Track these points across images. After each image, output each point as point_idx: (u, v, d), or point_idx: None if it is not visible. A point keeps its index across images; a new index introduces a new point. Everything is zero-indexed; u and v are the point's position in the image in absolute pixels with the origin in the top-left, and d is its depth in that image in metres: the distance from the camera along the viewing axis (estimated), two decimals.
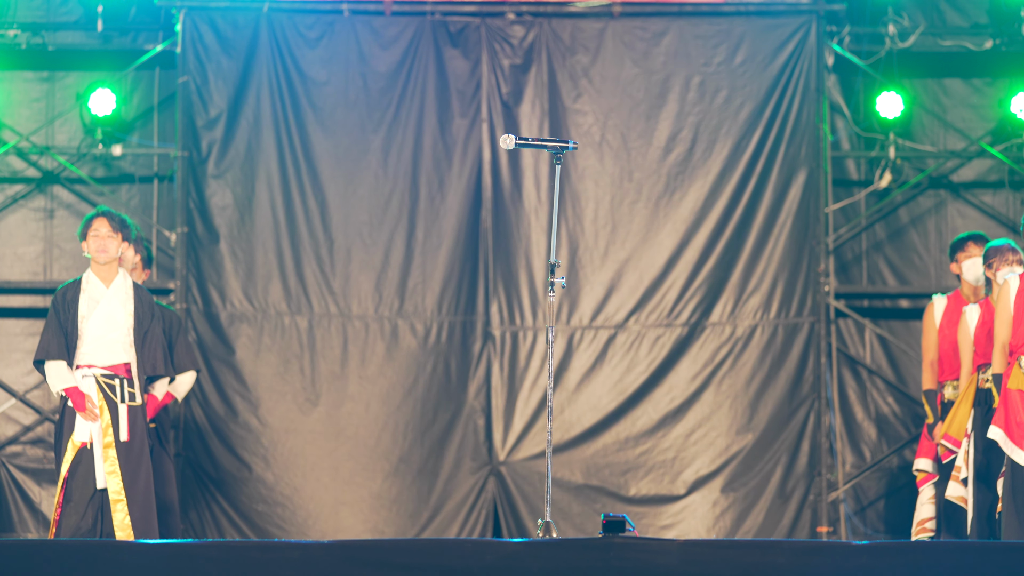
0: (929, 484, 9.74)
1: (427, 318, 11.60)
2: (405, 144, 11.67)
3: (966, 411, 9.17)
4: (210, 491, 11.46)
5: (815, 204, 11.71)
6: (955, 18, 12.18)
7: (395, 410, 11.53)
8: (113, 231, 8.79)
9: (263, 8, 11.67)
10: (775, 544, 7.00)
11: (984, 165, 12.19)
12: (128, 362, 8.77)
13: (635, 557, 6.42)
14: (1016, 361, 8.62)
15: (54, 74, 12.05)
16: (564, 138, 10.99)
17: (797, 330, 11.64)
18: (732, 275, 11.68)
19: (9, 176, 12.03)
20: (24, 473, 11.78)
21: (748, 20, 11.77)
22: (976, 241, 9.73)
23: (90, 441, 8.62)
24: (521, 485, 11.47)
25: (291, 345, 11.54)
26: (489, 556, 6.44)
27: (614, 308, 11.65)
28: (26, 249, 11.97)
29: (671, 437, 11.58)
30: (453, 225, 11.65)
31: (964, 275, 9.77)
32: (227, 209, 11.62)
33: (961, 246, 9.81)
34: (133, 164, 12.07)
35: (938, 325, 9.81)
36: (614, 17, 11.74)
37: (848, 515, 11.80)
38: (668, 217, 11.70)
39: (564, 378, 11.60)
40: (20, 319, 11.95)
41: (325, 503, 11.45)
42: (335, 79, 11.68)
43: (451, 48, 11.73)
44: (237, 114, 11.64)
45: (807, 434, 11.60)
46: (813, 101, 11.73)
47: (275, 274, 11.58)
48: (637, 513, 11.43)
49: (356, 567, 6.45)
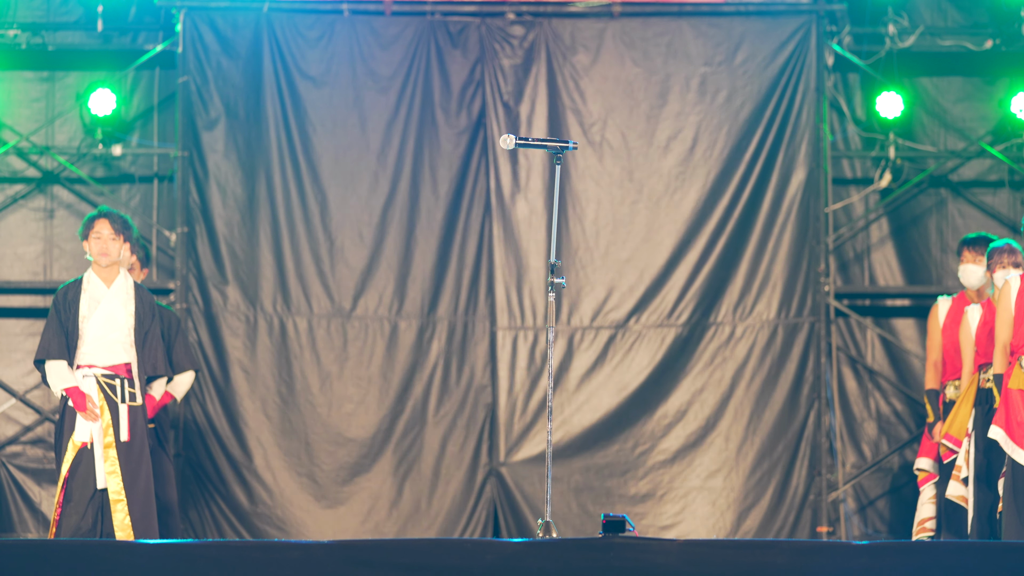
0: (930, 484, 9.74)
1: (427, 318, 11.60)
2: (405, 144, 11.67)
3: (967, 411, 9.18)
4: (210, 491, 11.46)
5: (815, 204, 11.71)
6: (955, 18, 12.18)
7: (395, 410, 11.53)
8: (116, 233, 8.79)
9: (263, 8, 11.67)
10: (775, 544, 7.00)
11: (984, 165, 12.20)
12: (129, 362, 8.77)
13: (635, 557, 6.42)
14: (1017, 361, 8.62)
15: (54, 74, 12.05)
16: (564, 138, 10.99)
17: (797, 330, 11.64)
18: (732, 275, 11.68)
19: (9, 176, 12.03)
20: (24, 473, 11.78)
21: (748, 20, 11.77)
22: (971, 247, 9.69)
23: (90, 441, 8.62)
24: (521, 485, 11.47)
25: (291, 345, 11.54)
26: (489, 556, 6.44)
27: (614, 308, 11.64)
28: (26, 249, 11.98)
29: (671, 437, 11.57)
30: (453, 225, 11.65)
31: (960, 279, 9.77)
32: (227, 209, 11.62)
33: (958, 251, 9.80)
34: (133, 164, 12.07)
35: (942, 326, 9.82)
36: (614, 17, 11.74)
37: (848, 515, 11.80)
38: (668, 217, 11.69)
39: (564, 378, 11.60)
40: (20, 319, 11.95)
41: (324, 504, 11.45)
42: (335, 79, 11.68)
43: (451, 48, 11.73)
44: (237, 114, 11.64)
45: (807, 434, 11.60)
46: (813, 101, 11.73)
47: (275, 274, 11.58)
48: (637, 513, 11.43)
49: (356, 567, 6.45)
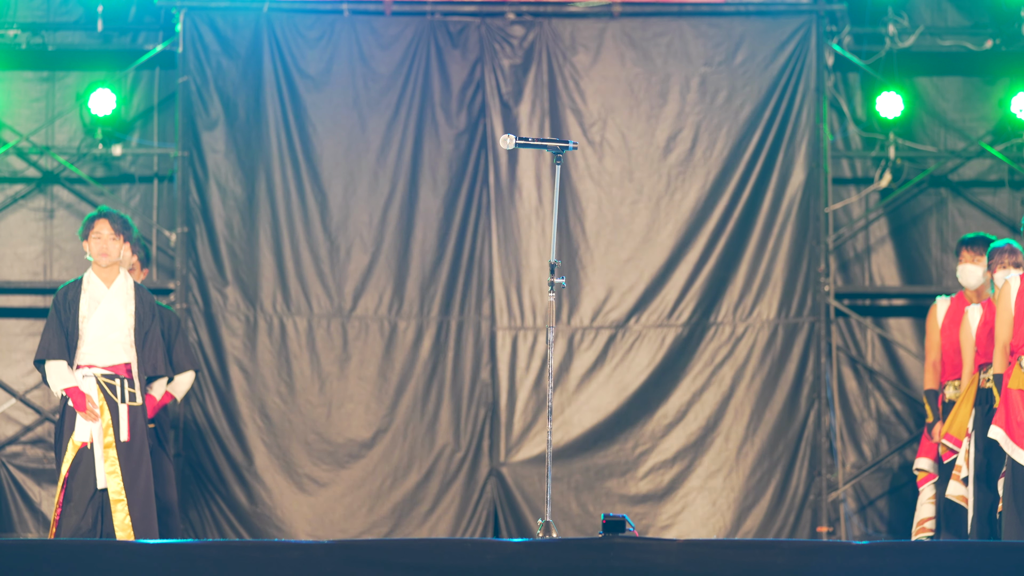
0: (929, 484, 9.74)
1: (427, 318, 11.60)
2: (405, 144, 11.67)
3: (967, 411, 9.18)
4: (210, 491, 11.46)
5: (815, 204, 11.71)
6: (955, 18, 12.18)
7: (395, 410, 11.53)
8: (116, 233, 8.78)
9: (263, 8, 11.67)
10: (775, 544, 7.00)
11: (984, 165, 12.20)
12: (128, 362, 8.77)
13: (635, 557, 6.42)
14: (1017, 361, 8.62)
15: (54, 74, 12.05)
16: (564, 138, 11.00)
17: (797, 330, 11.64)
18: (733, 275, 11.68)
19: (9, 176, 12.03)
20: (24, 473, 11.78)
21: (748, 20, 11.77)
22: (970, 247, 9.69)
23: (90, 441, 8.62)
24: (521, 485, 11.47)
25: (291, 345, 11.54)
26: (489, 556, 6.44)
27: (614, 308, 11.64)
28: (26, 249, 11.97)
29: (671, 437, 11.57)
30: (453, 225, 11.65)
31: (959, 280, 9.77)
32: (227, 209, 11.62)
33: (956, 251, 9.81)
34: (133, 164, 12.07)
35: (940, 326, 9.82)
36: (614, 17, 11.74)
37: (848, 515, 11.80)
38: (668, 217, 11.69)
39: (564, 378, 11.59)
40: (20, 319, 11.95)
41: (324, 504, 11.45)
42: (335, 79, 11.68)
43: (451, 48, 11.73)
44: (237, 114, 11.64)
45: (807, 434, 11.59)
46: (813, 101, 11.73)
47: (275, 274, 11.58)
48: (637, 513, 11.43)
49: (356, 567, 6.45)
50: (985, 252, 9.54)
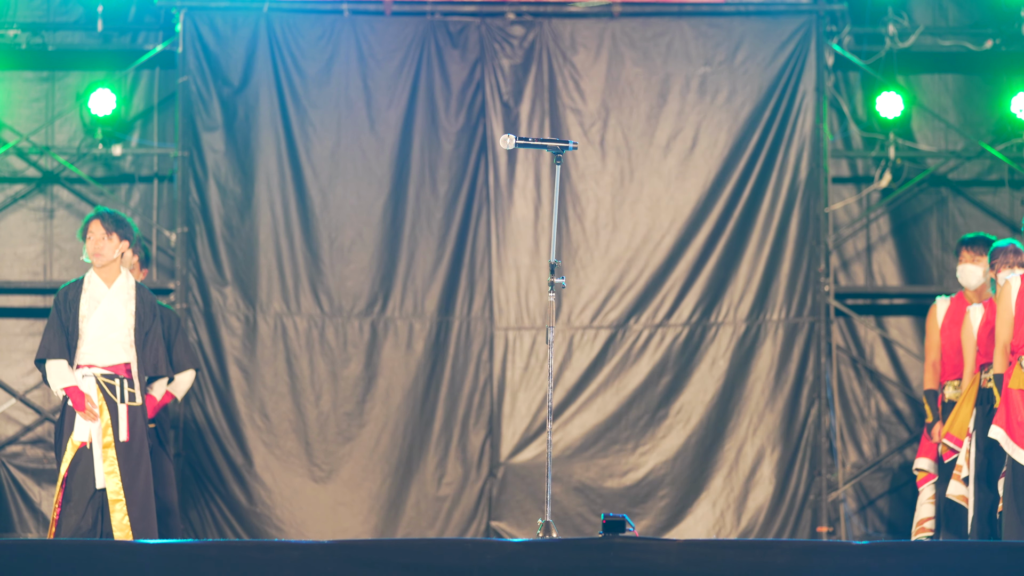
0: (929, 484, 9.74)
1: (427, 318, 11.60)
2: (405, 144, 11.67)
3: (968, 410, 9.18)
4: (210, 491, 11.46)
5: (815, 204, 11.71)
6: (955, 18, 12.18)
7: (394, 410, 11.53)
8: (107, 232, 8.78)
9: (263, 8, 11.67)
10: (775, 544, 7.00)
11: (984, 164, 12.20)
12: (128, 362, 8.76)
13: (635, 557, 6.42)
14: (1017, 361, 8.62)
15: (54, 74, 12.05)
16: (564, 138, 11.00)
17: (797, 330, 11.64)
18: (732, 275, 11.68)
19: (9, 176, 12.03)
20: (24, 473, 11.78)
21: (748, 20, 11.77)
22: (969, 247, 9.68)
23: (89, 441, 8.62)
24: (521, 485, 11.47)
25: (291, 345, 11.54)
26: (489, 556, 6.44)
27: (614, 308, 11.64)
28: (26, 249, 11.97)
29: (671, 437, 11.57)
30: (453, 225, 11.65)
31: (959, 280, 9.77)
32: (227, 209, 11.62)
33: (956, 251, 9.80)
34: (133, 164, 12.07)
35: (940, 326, 9.81)
36: (614, 17, 11.74)
37: (848, 515, 11.80)
38: (668, 217, 11.69)
39: (564, 378, 11.59)
40: (20, 319, 11.95)
41: (324, 504, 11.45)
42: (335, 79, 11.68)
43: (451, 48, 11.73)
44: (237, 114, 11.64)
45: (807, 434, 11.59)
46: (813, 101, 11.73)
47: (275, 274, 11.58)
48: (637, 513, 11.43)
49: (356, 567, 6.45)
50: (985, 252, 9.53)
